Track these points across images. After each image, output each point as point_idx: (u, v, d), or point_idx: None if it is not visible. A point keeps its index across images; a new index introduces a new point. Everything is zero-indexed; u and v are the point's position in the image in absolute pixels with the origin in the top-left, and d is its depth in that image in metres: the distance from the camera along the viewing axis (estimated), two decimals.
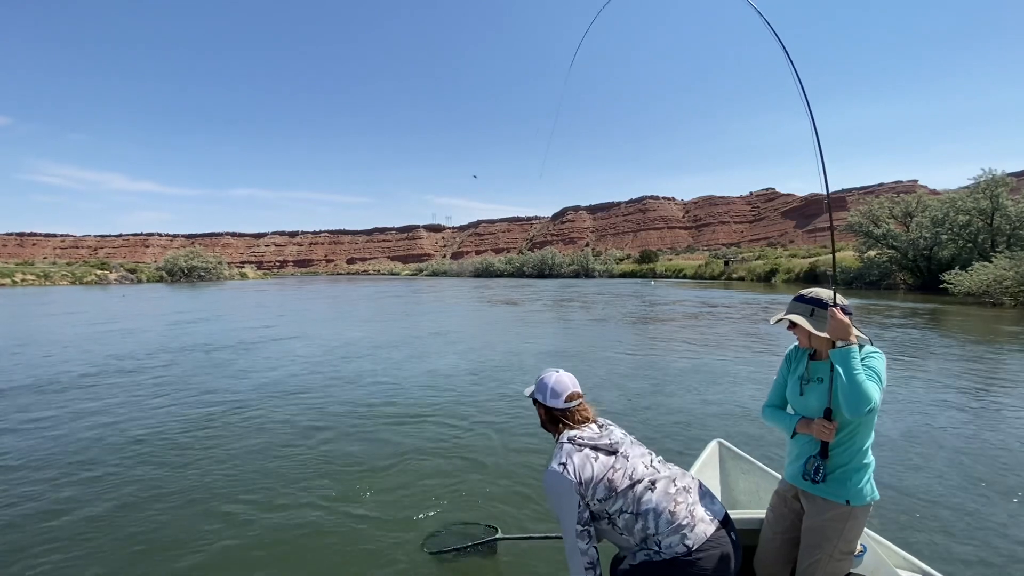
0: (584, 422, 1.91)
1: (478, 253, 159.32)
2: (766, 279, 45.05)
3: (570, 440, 1.82)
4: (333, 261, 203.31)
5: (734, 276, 50.91)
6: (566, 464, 1.75)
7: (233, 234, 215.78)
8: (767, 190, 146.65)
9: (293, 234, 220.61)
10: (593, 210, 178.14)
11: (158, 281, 64.95)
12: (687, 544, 1.65)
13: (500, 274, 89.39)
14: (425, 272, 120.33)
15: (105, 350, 11.06)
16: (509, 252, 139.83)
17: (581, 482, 1.72)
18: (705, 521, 1.71)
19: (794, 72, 2.15)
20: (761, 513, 2.30)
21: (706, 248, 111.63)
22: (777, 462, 3.55)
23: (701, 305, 21.92)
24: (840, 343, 1.88)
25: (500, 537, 3.14)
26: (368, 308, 23.35)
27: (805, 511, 2.06)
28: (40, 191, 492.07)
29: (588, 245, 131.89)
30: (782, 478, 2.23)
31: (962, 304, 20.01)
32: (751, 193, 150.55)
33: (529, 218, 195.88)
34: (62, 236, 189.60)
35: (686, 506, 1.72)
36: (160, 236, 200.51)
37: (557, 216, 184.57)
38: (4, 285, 52.64)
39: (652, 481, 1.75)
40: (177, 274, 67.93)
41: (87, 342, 12.38)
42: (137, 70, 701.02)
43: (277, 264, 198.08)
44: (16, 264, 72.17)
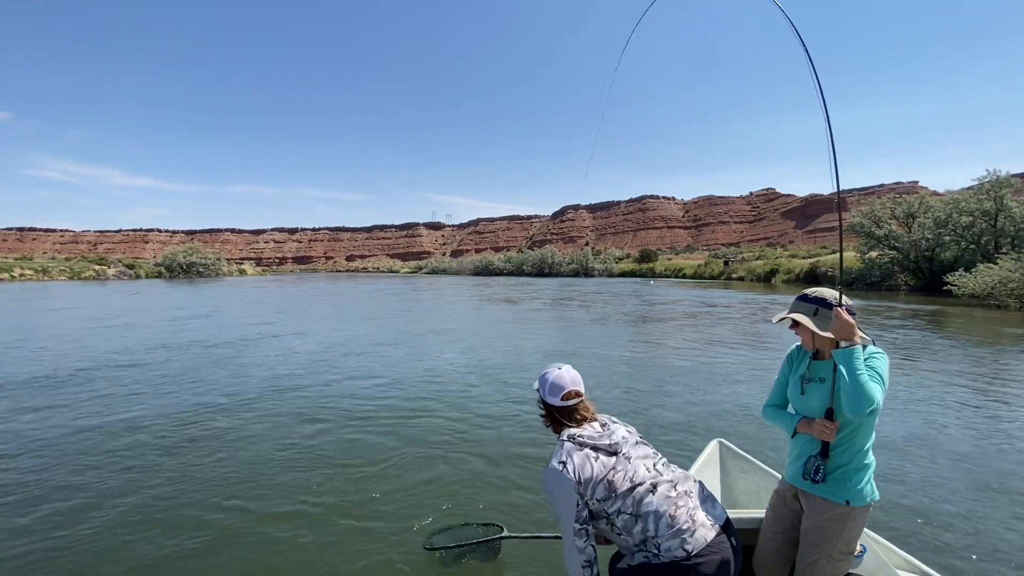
0: (584, 421, 1.90)
1: (478, 251, 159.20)
2: (766, 279, 45.04)
3: (570, 438, 1.81)
4: (332, 258, 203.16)
5: (734, 276, 50.89)
6: (566, 463, 1.74)
7: (232, 230, 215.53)
8: (767, 190, 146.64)
9: (293, 231, 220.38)
10: (593, 209, 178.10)
11: (156, 277, 64.94)
12: (687, 549, 1.65)
13: (500, 272, 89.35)
14: (424, 270, 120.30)
15: (104, 345, 11.04)
16: (509, 250, 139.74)
17: (580, 481, 1.71)
18: (706, 526, 1.71)
19: (812, 71, 2.13)
20: (761, 513, 2.29)
21: (706, 248, 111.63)
22: (777, 462, 3.54)
23: (701, 305, 21.92)
24: (844, 343, 1.87)
25: (505, 536, 3.10)
26: (367, 305, 23.34)
27: (805, 511, 2.05)
28: (40, 186, 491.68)
29: (588, 244, 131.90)
30: (782, 478, 2.22)
31: (965, 306, 19.95)
32: (751, 193, 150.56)
33: (529, 217, 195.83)
34: (62, 231, 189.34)
35: (687, 510, 1.72)
36: (160, 232, 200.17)
37: (557, 215, 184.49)
38: (2, 280, 52.60)
39: (653, 484, 1.74)
40: (176, 270, 67.95)
41: (86, 337, 12.36)
42: (138, 66, 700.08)
43: (276, 261, 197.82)
44: (14, 259, 71.99)
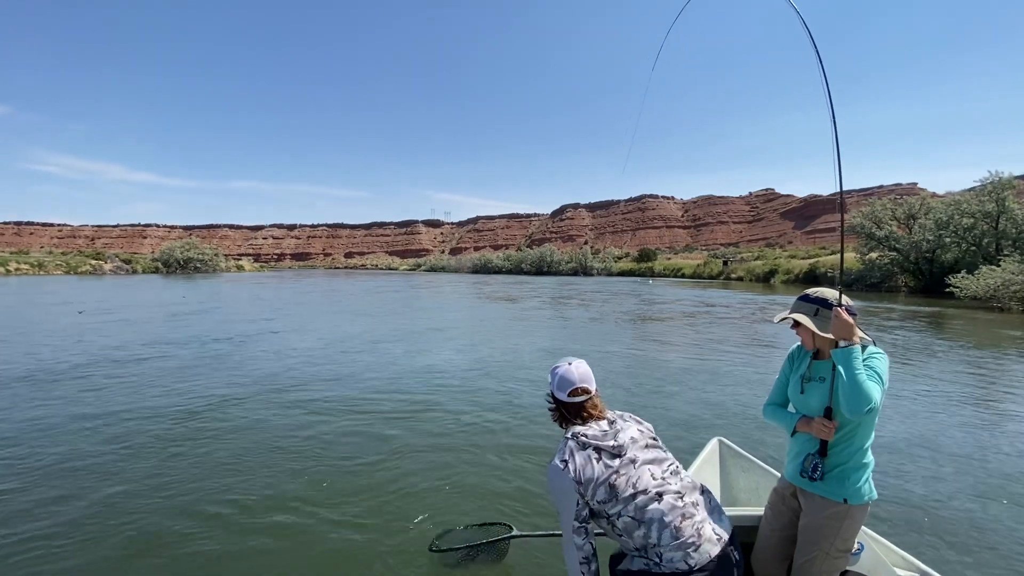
0: (591, 419, 1.86)
1: (476, 249, 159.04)
2: (765, 280, 45.07)
3: (574, 436, 1.80)
4: (331, 255, 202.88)
5: (733, 276, 50.91)
6: (568, 461, 1.73)
7: (231, 226, 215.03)
8: (766, 191, 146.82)
9: (291, 227, 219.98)
10: (592, 208, 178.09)
11: (153, 272, 64.68)
12: (689, 563, 1.62)
13: (498, 271, 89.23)
14: (423, 267, 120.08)
15: (102, 340, 11.01)
16: (508, 249, 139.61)
17: (580, 481, 1.70)
18: (712, 541, 1.67)
19: (822, 72, 2.14)
20: (760, 511, 2.31)
21: (704, 248, 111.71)
22: (778, 461, 3.55)
23: (700, 305, 21.95)
24: (843, 343, 1.88)
25: (514, 535, 3.05)
26: (366, 302, 23.31)
27: (803, 509, 2.06)
28: (38, 180, 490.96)
29: (587, 243, 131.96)
30: (781, 476, 2.23)
31: (967, 308, 19.93)
32: (750, 193, 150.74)
33: (528, 215, 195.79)
34: (59, 226, 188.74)
35: (693, 523, 1.68)
36: (158, 227, 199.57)
37: (556, 213, 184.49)
38: None
39: (659, 493, 1.71)
40: (173, 265, 67.69)
41: (84, 331, 12.33)
42: (139, 62, 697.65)
43: (274, 257, 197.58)
44: (11, 253, 71.67)
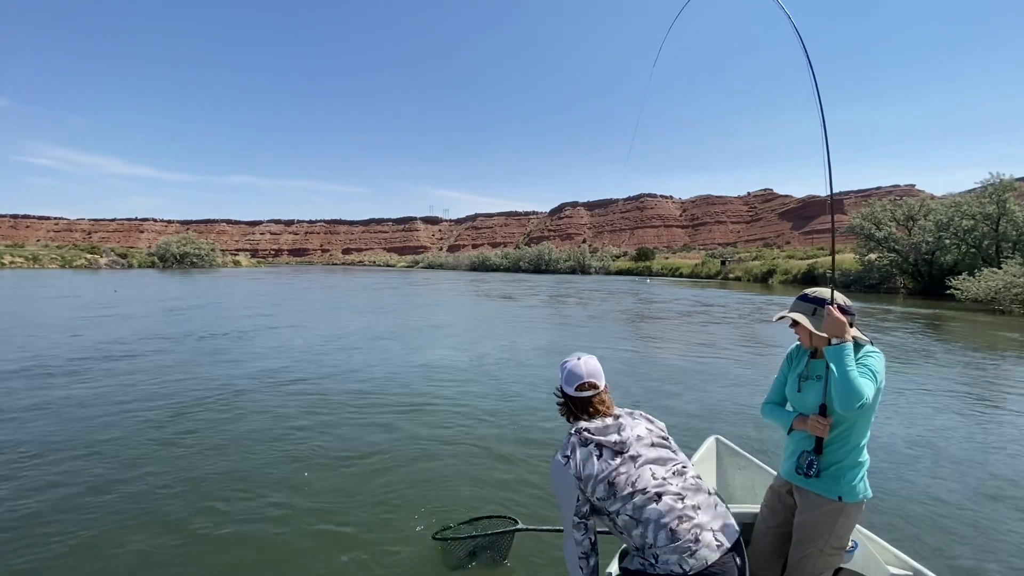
0: (598, 414, 1.85)
1: (475, 247, 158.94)
2: (763, 280, 45.21)
3: (577, 432, 1.80)
4: (329, 251, 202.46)
5: (731, 276, 51.06)
6: (570, 457, 1.74)
7: (229, 221, 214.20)
8: (765, 191, 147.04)
9: (289, 223, 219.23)
10: (591, 206, 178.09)
11: (149, 267, 64.40)
12: (684, 568, 1.57)
13: (496, 268, 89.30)
14: (421, 264, 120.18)
15: (98, 335, 10.98)
16: (506, 247, 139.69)
17: (581, 477, 1.71)
18: (710, 547, 1.59)
19: (811, 73, 2.15)
20: (756, 508, 2.33)
21: (702, 247, 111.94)
22: (774, 459, 3.58)
23: (697, 304, 22.00)
24: (835, 340, 1.90)
25: (520, 528, 3.05)
26: (364, 299, 23.29)
27: (798, 506, 2.08)
28: (36, 173, 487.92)
29: (585, 241, 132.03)
30: (777, 474, 2.26)
31: (966, 310, 19.98)
32: (748, 193, 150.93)
33: (527, 213, 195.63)
34: (56, 219, 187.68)
35: (691, 526, 1.61)
36: (155, 221, 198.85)
37: (554, 212, 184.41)
38: None
39: (658, 493, 1.67)
40: (169, 260, 67.33)
41: (82, 327, 12.29)
42: (139, 56, 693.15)
43: (272, 252, 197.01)
44: (5, 246, 71.22)
